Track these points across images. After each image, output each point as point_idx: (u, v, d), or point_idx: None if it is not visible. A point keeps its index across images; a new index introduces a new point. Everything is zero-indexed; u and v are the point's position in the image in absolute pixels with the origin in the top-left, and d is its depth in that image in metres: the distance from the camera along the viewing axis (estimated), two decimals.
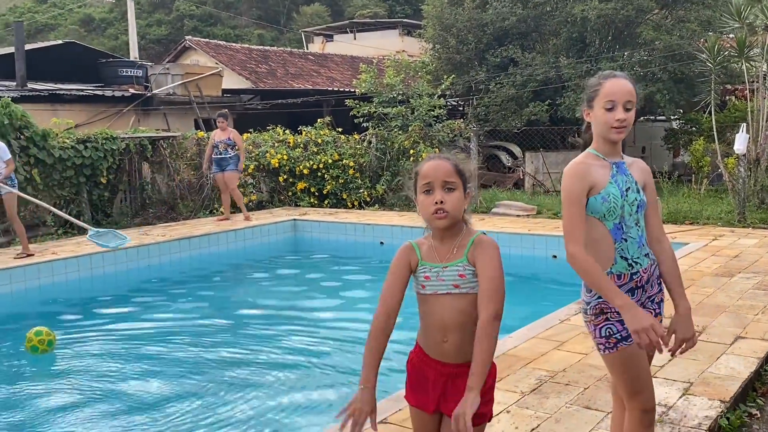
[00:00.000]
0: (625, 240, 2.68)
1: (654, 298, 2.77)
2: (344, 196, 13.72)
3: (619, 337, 2.66)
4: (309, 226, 11.80)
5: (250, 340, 6.59)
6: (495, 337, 2.26)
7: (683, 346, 2.69)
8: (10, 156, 8.79)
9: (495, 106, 15.87)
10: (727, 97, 16.63)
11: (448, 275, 2.34)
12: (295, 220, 11.93)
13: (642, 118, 16.91)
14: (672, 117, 16.50)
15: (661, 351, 2.55)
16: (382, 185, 13.69)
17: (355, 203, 13.63)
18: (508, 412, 3.89)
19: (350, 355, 5.91)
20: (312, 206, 13.60)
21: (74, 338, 6.75)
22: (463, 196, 2.37)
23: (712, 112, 12.18)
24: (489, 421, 2.44)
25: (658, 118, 17.70)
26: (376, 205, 13.52)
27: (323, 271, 10.06)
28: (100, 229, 8.75)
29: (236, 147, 11.74)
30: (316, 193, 13.89)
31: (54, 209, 10.09)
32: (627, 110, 2.64)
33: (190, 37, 27.49)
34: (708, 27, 14.75)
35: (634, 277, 2.69)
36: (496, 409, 3.88)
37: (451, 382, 2.37)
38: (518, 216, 11.66)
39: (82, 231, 11.31)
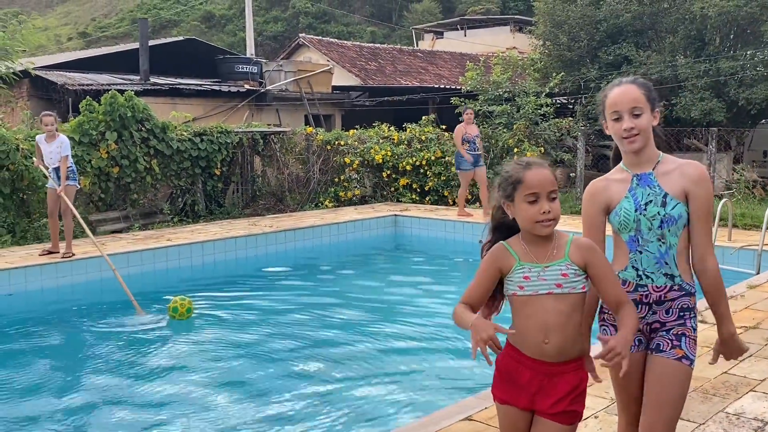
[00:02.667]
0: (640, 252, 2.59)
1: (671, 329, 2.58)
2: (446, 194, 13.77)
3: None
4: (409, 222, 11.93)
5: (343, 330, 6.79)
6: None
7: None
8: (69, 152, 8.51)
9: None
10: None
11: (549, 275, 2.37)
12: (395, 215, 12.09)
13: (764, 121, 16.04)
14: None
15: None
16: None
17: (456, 200, 13.63)
18: (596, 417, 3.87)
19: (439, 352, 5.99)
20: (413, 202, 13.73)
21: (179, 321, 7.15)
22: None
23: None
24: (580, 420, 2.46)
25: None
26: (478, 203, 13.49)
27: (420, 266, 10.16)
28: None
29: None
30: (418, 190, 14.01)
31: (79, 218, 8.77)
32: (636, 116, 2.54)
33: (303, 34, 28.22)
34: None
35: (639, 289, 2.59)
36: (584, 413, 3.87)
37: (548, 380, 2.39)
38: None
39: (197, 218, 11.94)
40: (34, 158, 9.08)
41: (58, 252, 8.60)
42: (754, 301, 6.19)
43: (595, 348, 2.53)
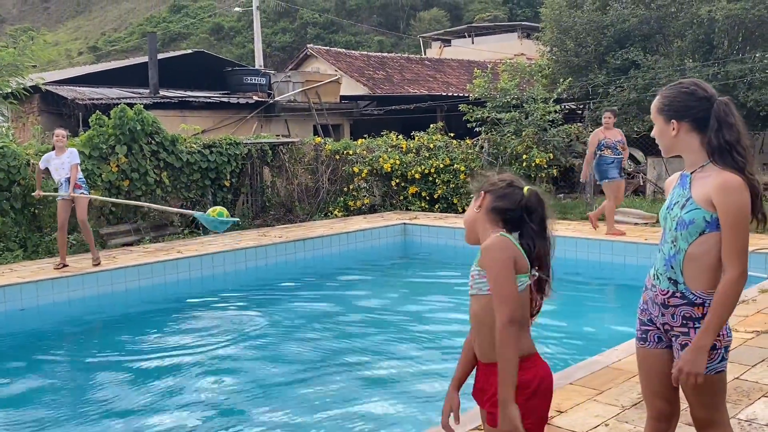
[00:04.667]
0: (659, 251, 2.67)
1: (678, 336, 2.60)
2: (455, 201, 13.77)
3: (636, 335, 2.82)
4: (418, 230, 11.92)
5: (353, 340, 6.78)
6: (509, 344, 2.28)
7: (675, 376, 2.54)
8: (79, 161, 8.81)
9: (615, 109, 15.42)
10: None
11: (469, 275, 2.52)
12: (405, 224, 12.09)
13: None
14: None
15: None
16: None
17: (466, 207, 13.59)
18: (606, 425, 3.84)
19: (447, 360, 5.98)
20: (423, 210, 13.73)
21: (192, 332, 7.17)
22: (474, 200, 2.54)
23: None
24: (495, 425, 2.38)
25: None
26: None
27: (429, 275, 10.14)
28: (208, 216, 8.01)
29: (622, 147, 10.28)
30: (427, 198, 14.01)
31: (150, 205, 10.12)
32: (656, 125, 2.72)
33: (311, 45, 28.34)
34: None
35: (647, 285, 2.72)
36: (594, 421, 3.86)
37: (485, 380, 2.48)
38: (636, 224, 11.30)
39: (206, 231, 11.96)
40: (36, 176, 9.24)
41: (68, 265, 8.70)
42: (766, 305, 6.15)
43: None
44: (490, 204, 2.48)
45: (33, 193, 9.39)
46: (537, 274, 2.46)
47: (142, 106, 11.79)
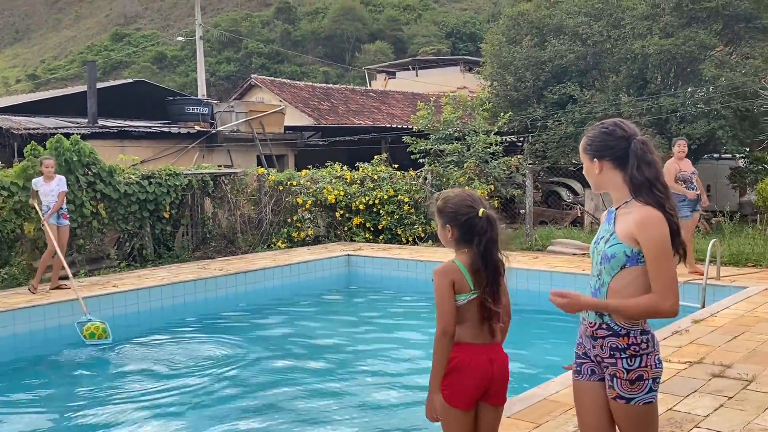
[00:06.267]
0: (588, 284, 2.76)
1: (607, 367, 2.67)
2: (399, 232, 13.81)
3: (573, 367, 2.89)
4: (362, 261, 11.90)
5: (298, 373, 6.70)
6: (438, 351, 2.88)
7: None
8: (66, 188, 9.54)
9: (553, 143, 15.78)
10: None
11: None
12: (349, 255, 12.06)
13: (705, 156, 16.52)
14: (738, 155, 16.05)
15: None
16: None
17: (410, 239, 13.70)
18: None
19: (394, 389, 5.94)
20: (367, 241, 13.72)
21: (127, 369, 6.97)
22: (440, 228, 3.03)
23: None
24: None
25: (723, 156, 17.26)
26: (430, 240, 13.55)
27: (373, 307, 10.12)
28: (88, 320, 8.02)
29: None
30: (372, 229, 14.02)
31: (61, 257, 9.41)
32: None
33: (255, 75, 28.30)
34: None
35: (583, 322, 2.78)
36: None
37: None
38: (574, 255, 11.50)
39: (144, 263, 11.72)
40: (30, 200, 9.63)
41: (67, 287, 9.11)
42: (699, 336, 6.30)
43: None
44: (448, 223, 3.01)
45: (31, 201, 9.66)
46: (476, 293, 2.91)
47: (79, 136, 11.54)
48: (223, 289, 10.13)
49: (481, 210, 2.94)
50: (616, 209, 2.72)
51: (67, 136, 11.42)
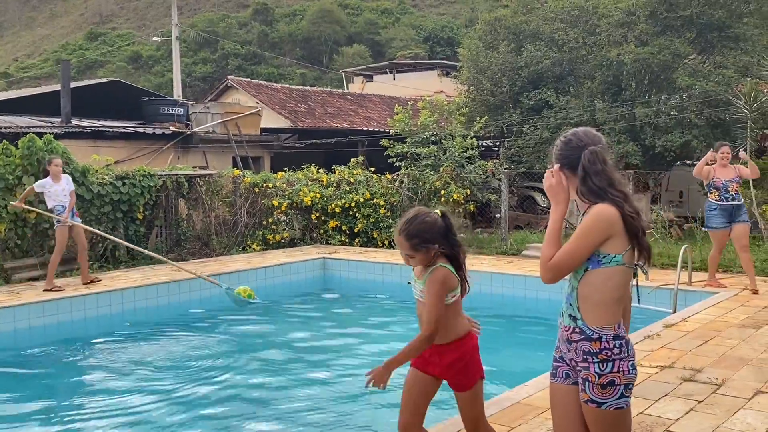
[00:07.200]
0: (563, 290, 2.80)
1: (580, 371, 2.71)
2: (375, 235, 13.81)
3: (550, 369, 2.92)
4: (338, 264, 11.88)
5: (270, 376, 6.66)
6: (418, 351, 3.30)
7: None
8: (74, 187, 9.82)
9: (528, 148, 15.89)
10: (766, 143, 16.37)
11: (417, 287, 3.42)
12: (324, 258, 12.03)
13: (679, 162, 16.73)
14: (709, 162, 16.25)
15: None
16: None
17: (386, 242, 13.70)
18: None
19: (366, 390, 5.93)
20: (343, 244, 13.71)
21: (102, 368, 6.89)
22: (423, 254, 3.31)
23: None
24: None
25: (695, 163, 17.49)
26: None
27: (348, 309, 10.10)
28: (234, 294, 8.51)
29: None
30: (347, 231, 14.01)
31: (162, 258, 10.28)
32: None
33: (232, 76, 28.16)
34: (745, 73, 14.62)
35: (561, 325, 2.81)
36: None
37: (438, 356, 3.42)
38: None
39: (117, 265, 11.58)
40: (17, 202, 9.75)
41: (62, 288, 9.24)
42: (670, 340, 6.37)
43: None
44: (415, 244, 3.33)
45: (12, 203, 9.88)
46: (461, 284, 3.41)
47: (52, 135, 11.39)
48: (197, 292, 10.04)
49: (438, 209, 3.39)
50: (582, 214, 2.76)
51: (40, 135, 11.26)
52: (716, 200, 8.67)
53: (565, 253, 2.64)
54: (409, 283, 3.49)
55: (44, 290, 9.14)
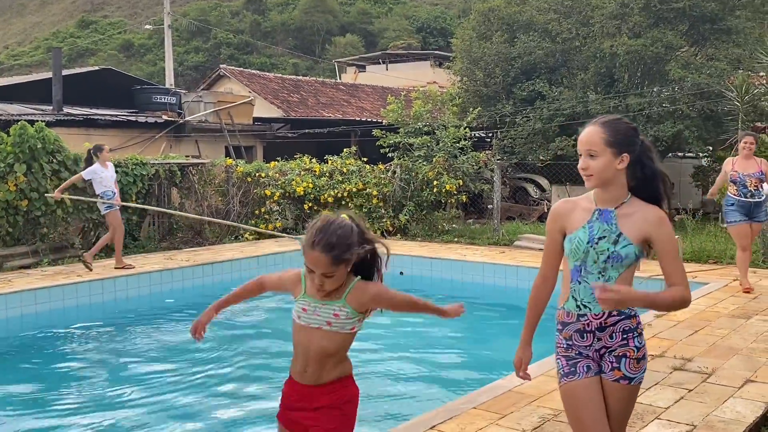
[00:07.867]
0: (579, 282, 2.73)
1: (614, 351, 2.71)
2: (367, 225, 13.80)
3: (562, 373, 2.80)
4: None
5: (263, 369, 6.68)
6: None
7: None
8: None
9: (521, 139, 15.92)
10: (759, 135, 16.43)
11: (324, 312, 2.63)
12: None
13: (670, 154, 16.80)
14: (701, 154, 16.36)
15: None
16: (405, 215, 13.78)
17: (378, 232, 13.72)
18: None
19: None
20: None
21: (94, 355, 6.89)
22: (345, 267, 2.61)
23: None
24: None
25: (686, 155, 17.58)
26: (399, 234, 13.60)
27: None
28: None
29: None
30: None
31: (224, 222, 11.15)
32: (591, 157, 2.68)
33: (224, 65, 28.06)
34: (737, 65, 14.68)
35: (581, 318, 2.73)
36: None
37: (308, 398, 2.67)
38: (540, 250, 11.61)
39: (110, 253, 11.56)
40: (56, 192, 10.06)
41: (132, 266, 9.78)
42: (660, 330, 6.42)
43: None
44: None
45: (51, 195, 10.24)
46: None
47: (44, 123, 11.34)
48: (189, 280, 10.05)
49: (344, 214, 2.75)
50: (615, 209, 2.70)
51: (32, 123, 11.21)
52: (734, 195, 8.09)
53: (683, 272, 2.68)
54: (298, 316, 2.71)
55: (115, 268, 9.67)
